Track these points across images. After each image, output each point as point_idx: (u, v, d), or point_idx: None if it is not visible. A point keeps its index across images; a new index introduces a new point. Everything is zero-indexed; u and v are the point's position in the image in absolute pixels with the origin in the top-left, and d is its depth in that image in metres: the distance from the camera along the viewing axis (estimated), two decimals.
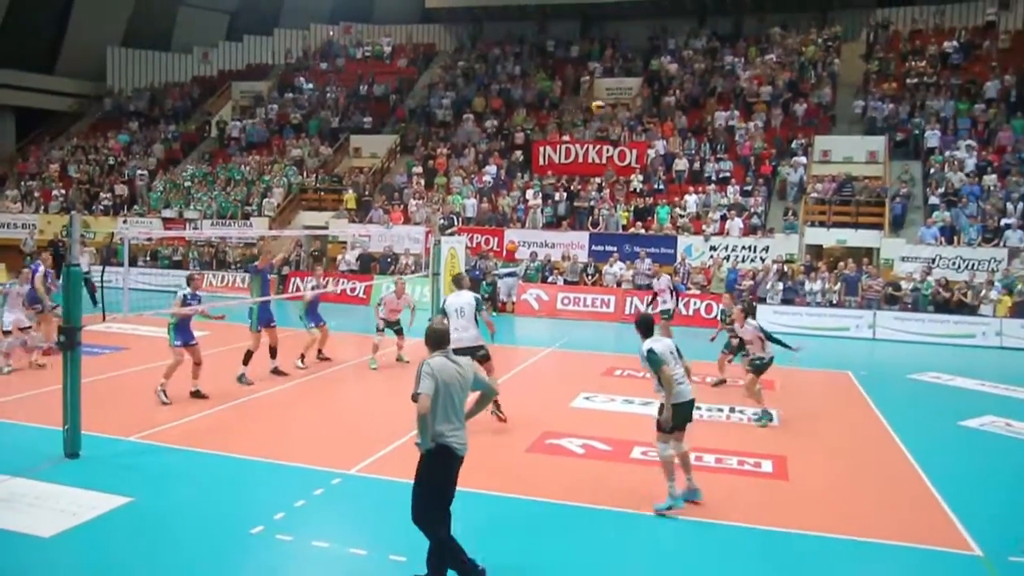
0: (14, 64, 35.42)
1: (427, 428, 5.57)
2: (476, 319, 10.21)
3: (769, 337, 11.43)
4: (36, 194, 30.07)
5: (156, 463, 8.64)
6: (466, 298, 10.26)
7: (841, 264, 21.08)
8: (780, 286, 20.66)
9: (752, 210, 23.32)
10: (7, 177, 32.00)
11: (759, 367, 11.33)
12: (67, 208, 28.29)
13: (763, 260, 22.02)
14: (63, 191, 29.77)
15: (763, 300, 20.54)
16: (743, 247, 22.60)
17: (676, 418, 7.62)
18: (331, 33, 38.83)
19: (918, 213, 23.00)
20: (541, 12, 35.16)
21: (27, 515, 7.00)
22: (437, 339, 5.85)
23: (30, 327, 12.77)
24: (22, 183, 30.94)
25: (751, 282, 21.07)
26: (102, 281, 10.15)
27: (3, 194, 30.30)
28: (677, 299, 17.97)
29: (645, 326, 7.76)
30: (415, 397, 5.56)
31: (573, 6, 34.31)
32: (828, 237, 23.00)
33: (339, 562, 6.36)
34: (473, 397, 6.01)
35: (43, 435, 9.08)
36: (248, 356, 12.38)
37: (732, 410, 11.67)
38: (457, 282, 10.90)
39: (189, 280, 11.64)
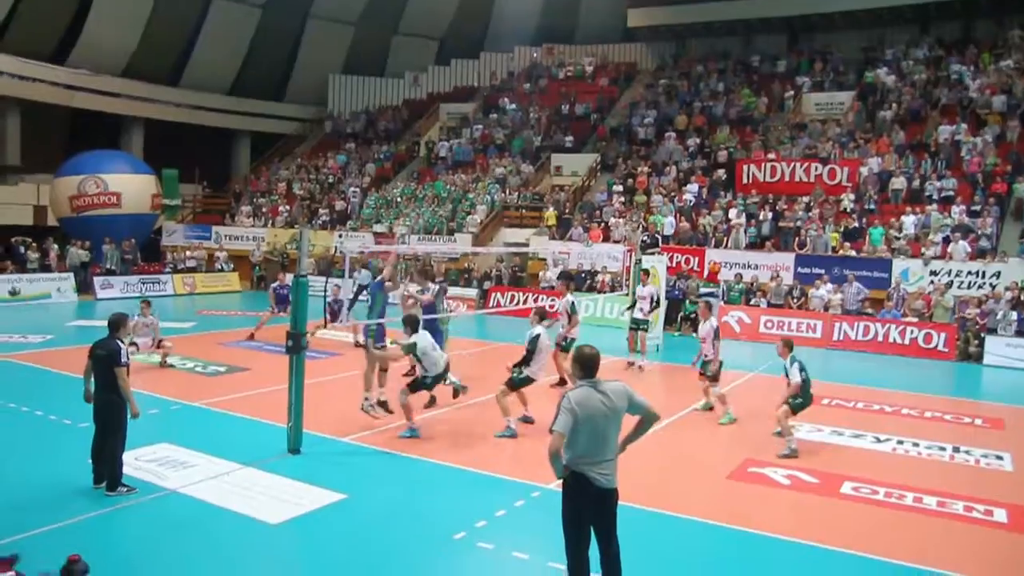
0: (251, 94, 39.54)
1: (558, 464, 5.33)
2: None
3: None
4: (265, 210, 32.97)
5: (368, 464, 9.17)
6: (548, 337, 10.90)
7: None
8: (1014, 316, 18.73)
9: (980, 232, 21.34)
10: (242, 194, 35.34)
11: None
12: (291, 223, 30.82)
13: (993, 287, 20.05)
14: (288, 207, 32.46)
15: (993, 331, 18.73)
16: (969, 272, 20.69)
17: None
18: (534, 55, 39.81)
19: None
20: (746, 27, 34.21)
21: (258, 502, 7.65)
22: (585, 365, 5.41)
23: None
24: (254, 200, 34.05)
25: (977, 311, 19.27)
26: (325, 292, 10.96)
27: (239, 210, 33.46)
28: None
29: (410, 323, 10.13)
30: (551, 431, 5.28)
31: (781, 19, 33.05)
32: None
33: (539, 574, 6.43)
34: (633, 421, 5.55)
35: (270, 431, 9.89)
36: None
37: (956, 449, 10.69)
38: (540, 317, 11.01)
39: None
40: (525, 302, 22.63)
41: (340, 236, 29.16)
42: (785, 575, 6.63)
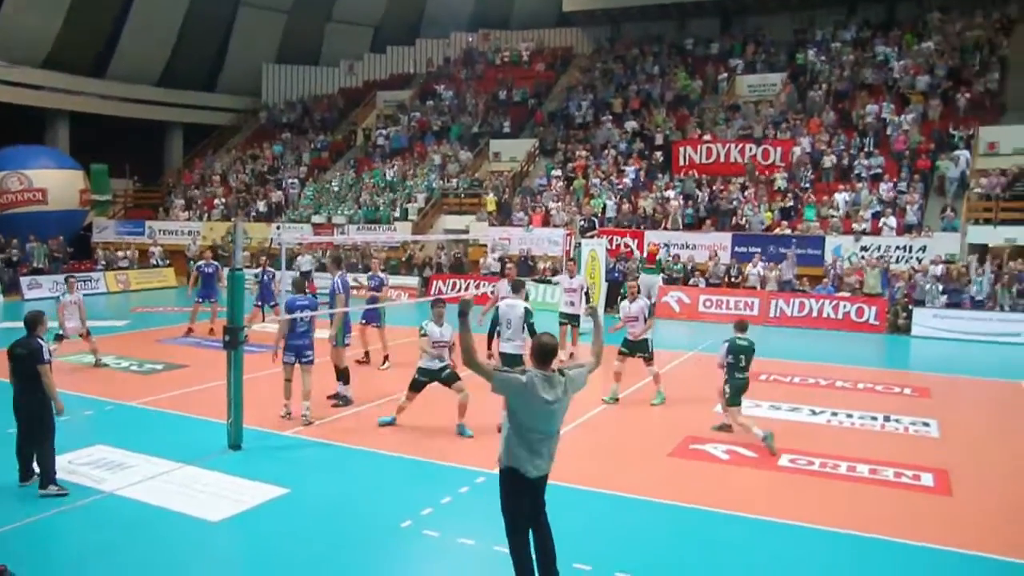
0: (182, 85, 38.47)
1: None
2: (523, 329, 10.07)
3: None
4: (200, 203, 32.27)
5: (310, 457, 9.10)
6: (518, 310, 10.18)
7: (1012, 264, 19.56)
8: (940, 288, 19.40)
9: (907, 208, 22.02)
10: (175, 188, 34.52)
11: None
12: (228, 215, 30.22)
13: (920, 261, 20.75)
14: (223, 200, 31.81)
15: (921, 303, 19.38)
16: (897, 247, 21.37)
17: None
18: (470, 40, 39.64)
19: None
20: (680, 10, 34.58)
21: (198, 500, 7.52)
22: (540, 353, 5.50)
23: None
24: (187, 193, 33.29)
25: (902, 283, 19.92)
26: (262, 282, 10.76)
27: (172, 203, 32.68)
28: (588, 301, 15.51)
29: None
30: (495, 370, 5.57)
31: (714, 3, 33.55)
32: (995, 235, 21.38)
33: (485, 559, 6.46)
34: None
35: (209, 427, 9.75)
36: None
37: (887, 419, 11.07)
38: (515, 289, 10.78)
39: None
40: (467, 289, 22.61)
41: (278, 228, 28.71)
42: (727, 549, 6.77)
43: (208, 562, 6.52)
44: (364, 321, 13.96)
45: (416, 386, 9.87)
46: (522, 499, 5.47)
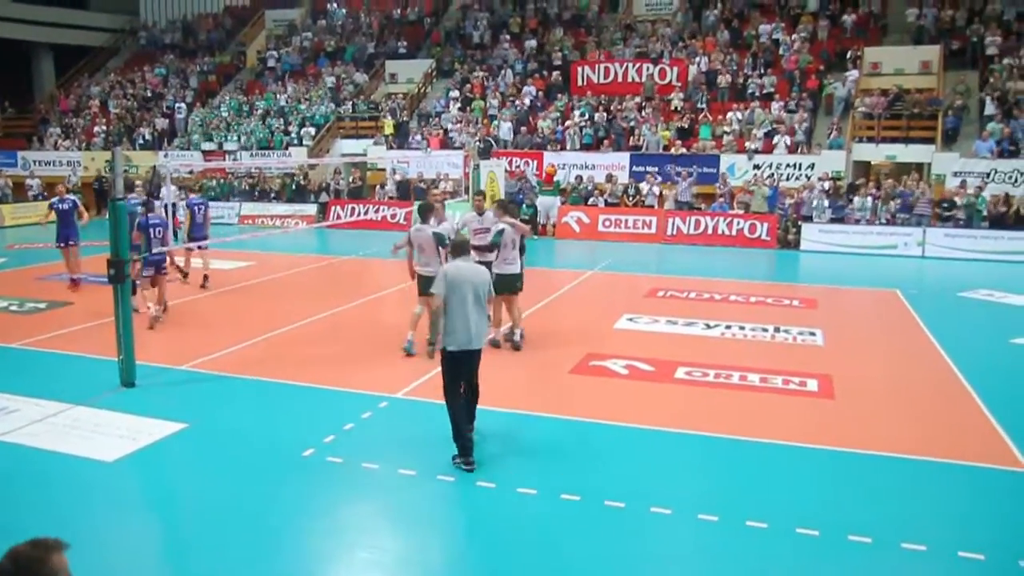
0: (50, 1, 35.44)
1: (437, 324, 7.14)
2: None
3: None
4: (79, 131, 30.37)
5: (208, 390, 8.86)
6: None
7: (890, 181, 20.51)
8: (826, 204, 20.20)
9: (797, 127, 22.67)
10: (50, 115, 32.30)
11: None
12: (112, 143, 28.56)
13: (808, 178, 21.51)
14: (105, 127, 30.01)
15: (809, 219, 20.16)
16: (788, 165, 22.08)
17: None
18: None
19: (973, 126, 22.12)
20: None
21: (90, 441, 7.24)
22: (456, 248, 7.06)
23: None
24: (63, 120, 31.23)
25: (792, 200, 20.65)
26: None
27: (47, 132, 30.64)
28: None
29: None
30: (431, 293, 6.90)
31: None
32: (877, 153, 22.36)
33: (389, 483, 6.50)
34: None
35: (100, 365, 9.34)
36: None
37: (777, 329, 11.57)
38: (505, 210, 10.66)
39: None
40: (366, 214, 22.24)
41: (166, 156, 27.36)
42: (624, 460, 7.00)
43: (106, 502, 6.27)
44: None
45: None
46: (445, 365, 6.70)
